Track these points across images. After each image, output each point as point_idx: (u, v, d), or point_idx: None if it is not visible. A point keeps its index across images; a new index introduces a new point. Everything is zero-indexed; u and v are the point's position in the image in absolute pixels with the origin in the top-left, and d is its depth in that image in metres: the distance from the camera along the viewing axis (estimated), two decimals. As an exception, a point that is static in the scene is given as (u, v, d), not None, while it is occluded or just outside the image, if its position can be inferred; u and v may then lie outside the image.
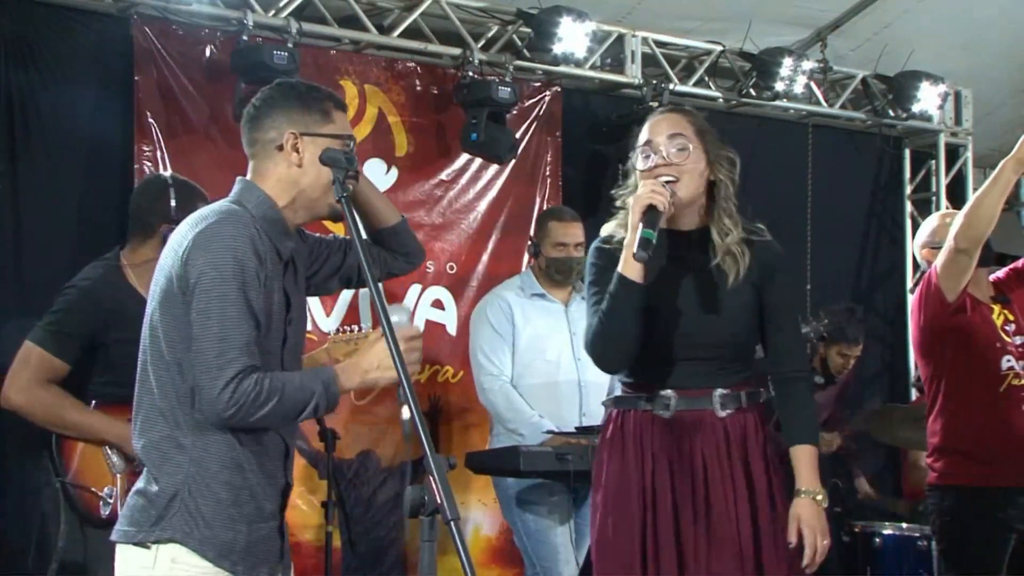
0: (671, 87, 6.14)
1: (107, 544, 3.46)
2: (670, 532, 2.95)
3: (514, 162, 5.84)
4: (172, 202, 3.65)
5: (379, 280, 3.01)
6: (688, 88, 6.31)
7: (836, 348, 5.87)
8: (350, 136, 2.65)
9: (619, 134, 6.13)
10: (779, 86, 6.29)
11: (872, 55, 6.55)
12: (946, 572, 4.01)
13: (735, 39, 6.20)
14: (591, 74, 6.04)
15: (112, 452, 3.58)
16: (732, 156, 3.05)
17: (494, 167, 5.83)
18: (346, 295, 5.34)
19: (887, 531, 5.41)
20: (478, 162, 5.79)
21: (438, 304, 5.71)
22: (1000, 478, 3.88)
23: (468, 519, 5.54)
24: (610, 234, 3.07)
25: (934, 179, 7.28)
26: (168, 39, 5.04)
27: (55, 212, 4.79)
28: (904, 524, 5.48)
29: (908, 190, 7.32)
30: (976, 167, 7.27)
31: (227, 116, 5.06)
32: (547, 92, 6.08)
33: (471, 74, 5.57)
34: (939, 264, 3.92)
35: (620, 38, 6.10)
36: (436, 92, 5.75)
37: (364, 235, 2.86)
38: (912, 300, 4.14)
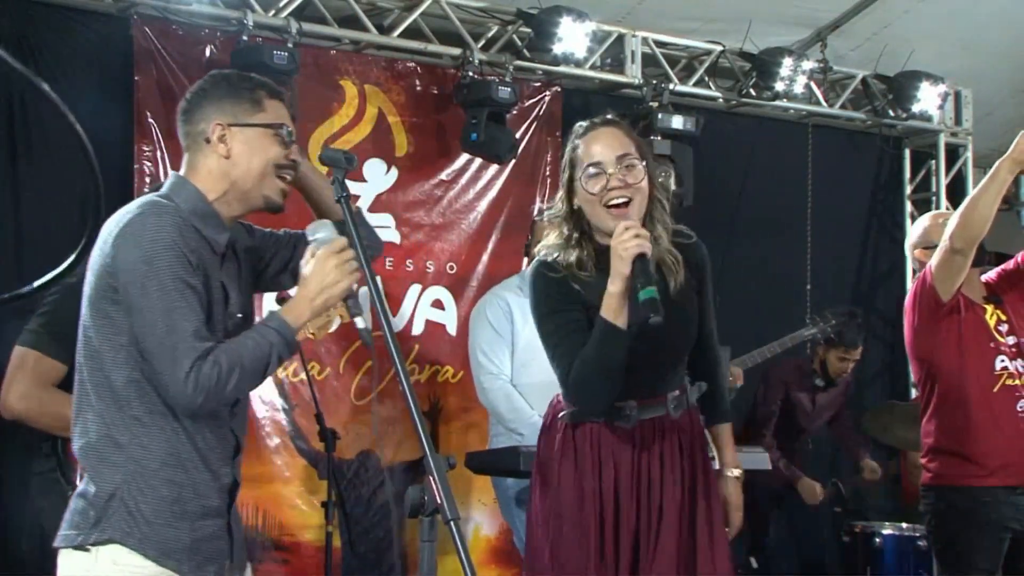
0: (671, 87, 6.14)
1: None
2: (630, 543, 2.94)
3: (514, 162, 5.84)
4: None
5: None
6: (688, 88, 6.31)
7: (836, 352, 5.88)
8: (282, 124, 2.58)
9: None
10: (779, 86, 6.29)
11: (872, 55, 6.55)
12: (942, 573, 4.01)
13: (735, 39, 6.20)
14: (591, 74, 6.04)
15: None
16: (664, 165, 3.01)
17: (494, 167, 5.83)
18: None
19: (887, 531, 5.42)
20: (478, 162, 5.80)
21: (438, 304, 5.71)
22: (994, 478, 3.88)
23: (468, 519, 5.55)
24: (554, 259, 2.96)
25: (934, 179, 7.29)
26: (168, 39, 5.04)
27: (55, 212, 4.78)
28: (904, 524, 5.48)
29: (908, 190, 7.32)
30: (976, 167, 7.27)
31: (227, 116, 5.06)
32: (547, 92, 6.08)
33: (471, 74, 5.58)
34: (934, 264, 3.92)
35: (620, 38, 6.10)
36: (436, 92, 5.76)
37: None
38: (906, 300, 4.14)
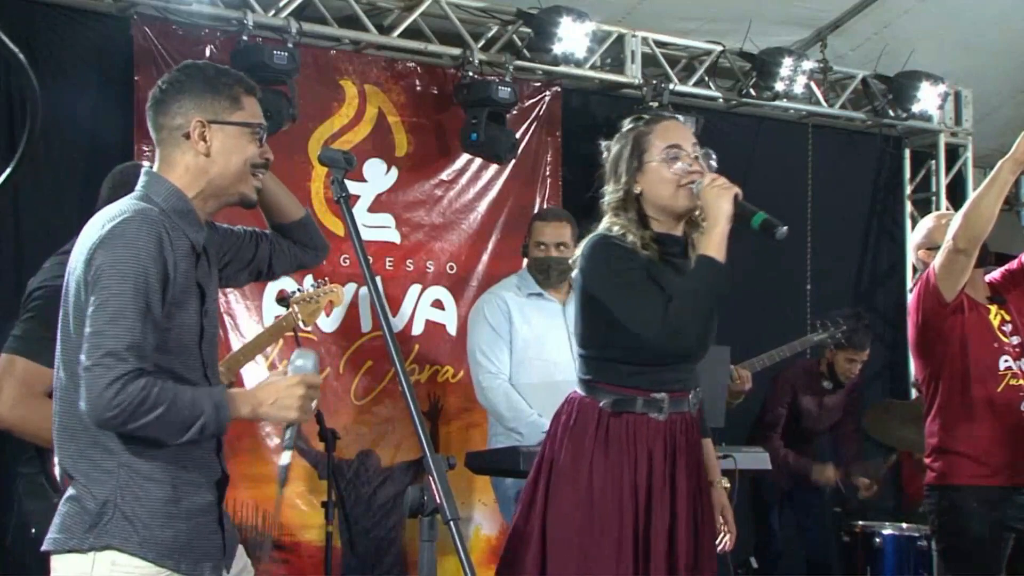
0: (671, 87, 6.14)
1: None
2: (664, 533, 3.01)
3: (514, 162, 5.84)
4: None
5: (289, 272, 2.98)
6: (688, 88, 6.31)
7: (845, 354, 5.88)
8: (260, 124, 2.57)
9: (619, 134, 6.14)
10: (779, 86, 6.29)
11: (872, 55, 6.55)
12: (945, 572, 4.01)
13: (735, 39, 6.20)
14: (591, 74, 6.04)
15: None
16: None
17: (494, 167, 5.83)
18: (347, 296, 5.33)
19: (887, 531, 5.41)
20: (478, 162, 5.80)
21: (438, 304, 5.71)
22: (998, 477, 3.88)
23: (468, 519, 5.54)
24: (620, 234, 3.06)
25: (934, 179, 7.29)
26: (168, 39, 5.04)
27: (55, 212, 4.78)
28: (904, 524, 5.48)
29: (908, 190, 7.32)
30: (976, 167, 7.28)
31: (227, 116, 5.06)
32: (547, 92, 6.08)
33: (471, 74, 5.58)
34: (937, 264, 3.93)
35: (620, 38, 6.10)
36: (436, 92, 5.75)
37: (269, 230, 2.81)
38: (909, 300, 4.15)
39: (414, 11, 5.48)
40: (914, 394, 6.71)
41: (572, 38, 5.61)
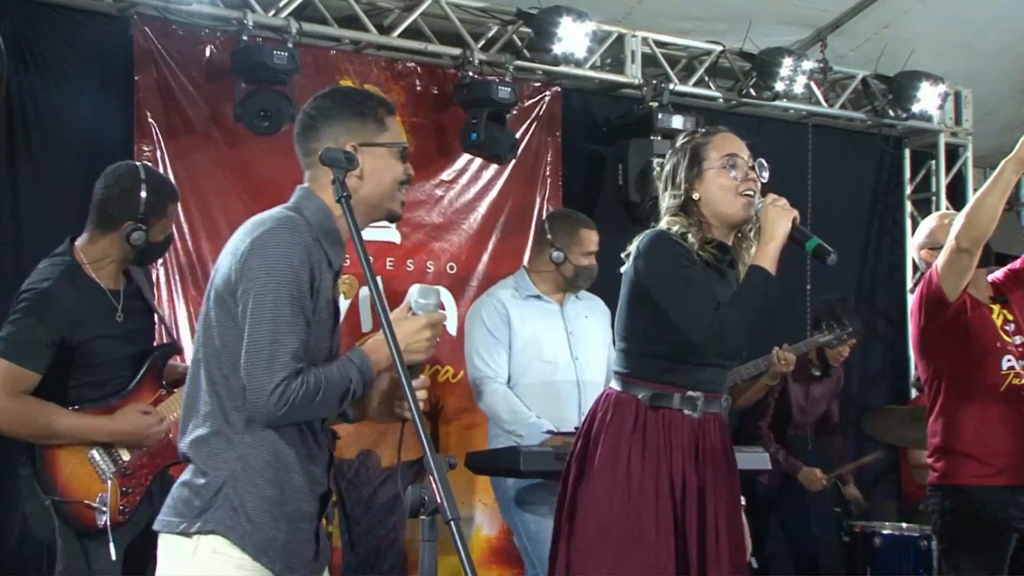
0: (671, 87, 6.14)
1: (109, 554, 3.43)
2: (695, 528, 3.12)
3: (514, 162, 5.84)
4: (143, 194, 3.54)
5: None
6: (688, 88, 6.30)
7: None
8: (404, 143, 2.69)
9: (619, 134, 6.14)
10: (779, 86, 6.28)
11: (872, 55, 6.55)
12: (947, 572, 4.01)
13: (735, 39, 6.20)
14: (591, 74, 6.04)
15: (99, 457, 3.46)
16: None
17: (494, 167, 5.83)
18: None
19: (887, 531, 5.42)
20: (478, 162, 5.79)
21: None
22: (1001, 477, 3.88)
23: (469, 519, 5.54)
24: (680, 233, 3.17)
25: (934, 179, 7.28)
26: (168, 39, 5.04)
27: (55, 212, 4.78)
28: (904, 524, 5.48)
29: (908, 190, 7.31)
30: (976, 167, 7.27)
31: (227, 116, 5.07)
32: (547, 92, 6.08)
33: (471, 74, 5.58)
34: (940, 264, 3.93)
35: (620, 38, 6.09)
36: (436, 92, 5.75)
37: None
38: (912, 300, 4.15)
39: (414, 11, 5.48)
40: (914, 393, 6.72)
41: (572, 38, 5.61)
